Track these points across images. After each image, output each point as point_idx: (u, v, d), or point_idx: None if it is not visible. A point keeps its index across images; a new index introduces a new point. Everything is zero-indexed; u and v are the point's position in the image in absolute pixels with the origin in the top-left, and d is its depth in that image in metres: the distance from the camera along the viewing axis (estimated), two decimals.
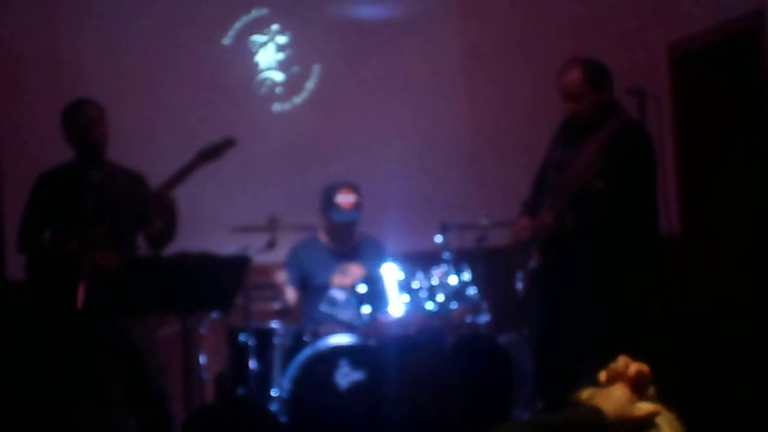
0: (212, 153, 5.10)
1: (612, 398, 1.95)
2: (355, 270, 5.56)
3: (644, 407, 1.95)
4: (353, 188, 5.66)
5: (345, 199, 5.62)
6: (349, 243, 5.74)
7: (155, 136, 6.27)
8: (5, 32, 6.10)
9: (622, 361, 2.01)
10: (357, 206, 5.64)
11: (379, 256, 5.62)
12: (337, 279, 5.59)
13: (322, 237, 5.76)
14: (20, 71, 6.14)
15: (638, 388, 1.97)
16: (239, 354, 5.19)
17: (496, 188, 5.74)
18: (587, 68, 4.78)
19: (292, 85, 6.61)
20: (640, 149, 4.68)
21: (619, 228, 4.64)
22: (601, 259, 4.66)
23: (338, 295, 5.57)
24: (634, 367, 1.99)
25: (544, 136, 5.08)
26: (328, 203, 5.65)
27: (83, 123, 5.07)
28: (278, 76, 6.61)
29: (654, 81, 6.08)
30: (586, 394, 2.00)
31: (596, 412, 1.93)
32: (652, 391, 2.00)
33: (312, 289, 5.64)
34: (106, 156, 5.14)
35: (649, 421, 1.94)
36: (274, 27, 6.61)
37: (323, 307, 5.59)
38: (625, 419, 1.93)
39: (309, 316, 5.60)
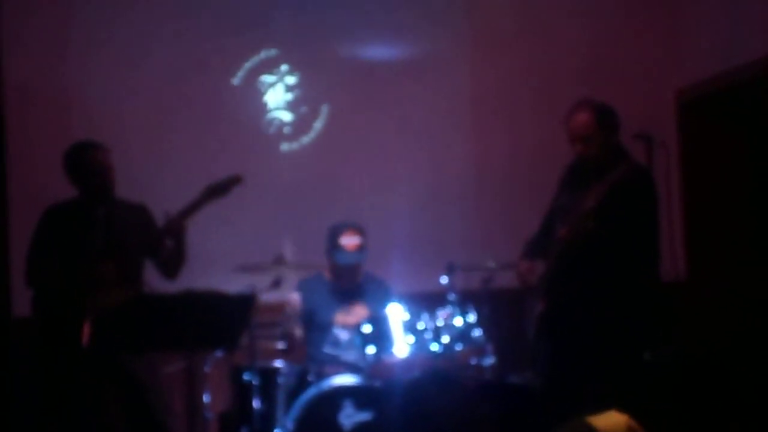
0: (219, 189, 5.13)
1: (609, 421, 1.93)
2: (358, 310, 5.56)
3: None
4: (358, 230, 5.66)
5: (349, 241, 5.63)
6: (353, 283, 5.73)
7: (164, 174, 6.29)
8: (16, 70, 6.13)
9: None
10: (361, 248, 5.64)
11: (384, 297, 5.61)
12: (341, 318, 5.58)
13: (327, 275, 5.76)
14: (30, 109, 6.17)
15: None
16: (243, 393, 5.17)
17: (502, 229, 5.74)
18: (596, 110, 4.84)
19: (301, 125, 6.64)
20: (644, 195, 4.71)
21: (618, 272, 4.66)
22: (601, 303, 4.68)
23: (342, 335, 5.57)
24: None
25: (551, 178, 5.10)
26: (332, 244, 5.65)
27: (93, 169, 5.11)
28: (287, 116, 6.64)
29: (661, 126, 6.10)
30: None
31: (587, 428, 1.91)
32: None
33: (315, 326, 5.63)
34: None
35: None
36: (284, 67, 6.65)
37: (327, 348, 5.58)
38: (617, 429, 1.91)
39: (312, 356, 5.59)
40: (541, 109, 6.53)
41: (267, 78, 6.63)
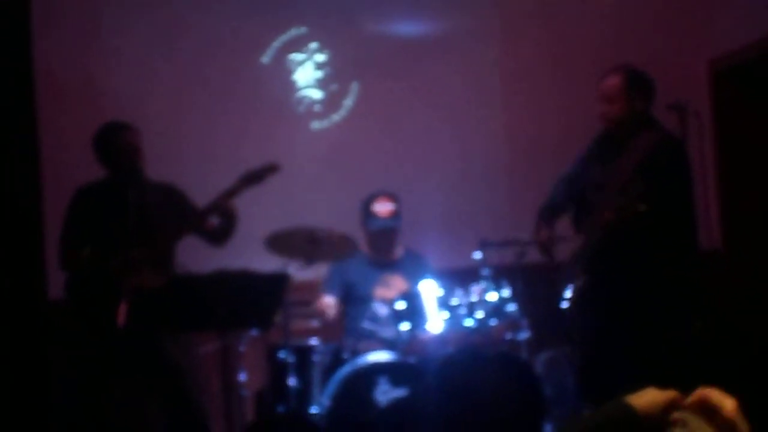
0: (255, 177, 5.16)
1: (647, 396, 1.90)
2: (397, 282, 5.55)
3: (679, 413, 1.89)
4: (391, 197, 5.66)
5: (382, 207, 5.63)
6: (390, 254, 5.72)
7: (193, 155, 6.30)
8: (46, 56, 6.15)
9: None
10: (395, 214, 5.64)
11: (423, 271, 5.61)
12: (380, 291, 5.58)
13: (365, 249, 5.76)
14: (60, 94, 6.19)
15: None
16: (279, 371, 5.19)
17: (534, 204, 5.68)
18: (627, 74, 4.86)
19: (331, 103, 6.63)
20: (676, 165, 4.68)
21: (661, 245, 4.63)
22: (644, 276, 4.66)
23: (380, 310, 5.56)
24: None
25: (580, 152, 5.08)
26: (365, 212, 5.66)
27: (123, 150, 5.15)
28: (317, 94, 6.63)
29: (695, 96, 6.02)
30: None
31: (624, 407, 1.88)
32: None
33: (354, 300, 5.63)
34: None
35: (679, 423, 1.88)
36: (313, 45, 6.64)
37: (366, 323, 5.58)
38: (655, 416, 1.88)
39: (350, 331, 5.59)
40: (570, 82, 6.48)
41: (296, 56, 6.62)
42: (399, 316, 5.26)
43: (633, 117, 4.80)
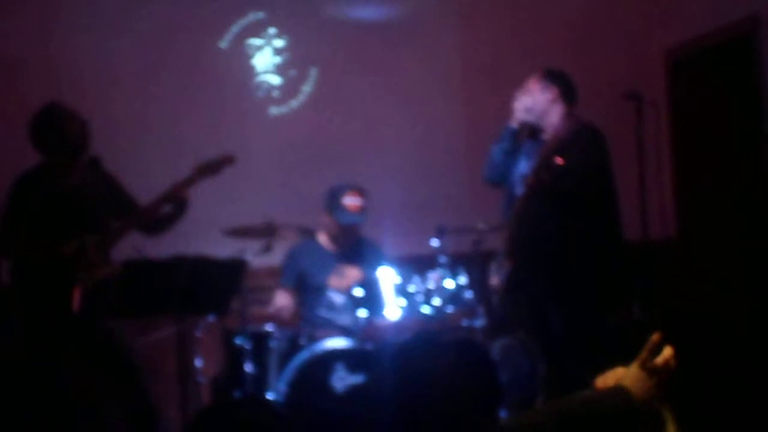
0: (210, 169, 5.16)
1: (640, 381, 1.92)
2: (352, 272, 5.55)
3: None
4: (361, 192, 5.66)
5: (352, 201, 5.62)
6: (350, 245, 5.73)
7: (151, 140, 6.26)
8: (3, 37, 6.09)
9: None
10: (363, 210, 5.64)
11: (378, 261, 5.61)
12: (334, 281, 5.58)
13: (322, 238, 5.75)
14: (15, 76, 6.12)
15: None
16: (235, 357, 5.18)
17: (492, 192, 5.72)
18: (545, 71, 5.18)
19: (289, 89, 6.61)
20: (586, 148, 4.92)
21: (579, 230, 4.82)
22: (563, 263, 4.89)
23: (336, 298, 5.57)
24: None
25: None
26: (334, 204, 5.64)
27: (75, 136, 5.07)
28: (275, 80, 6.61)
29: (651, 86, 6.09)
30: (608, 378, 1.97)
31: (623, 394, 1.89)
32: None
33: (308, 290, 5.63)
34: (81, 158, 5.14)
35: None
36: (271, 30, 6.61)
37: (321, 312, 5.59)
38: (652, 402, 1.90)
39: (306, 319, 5.60)
40: (531, 69, 6.47)
41: (255, 41, 6.60)
42: (356, 303, 5.27)
43: (544, 104, 5.09)
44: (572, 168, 4.78)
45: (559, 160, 4.70)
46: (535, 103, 5.10)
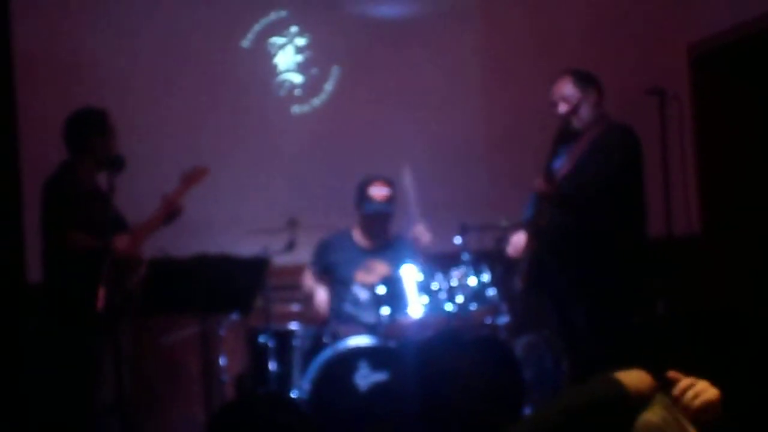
0: (193, 178, 5.28)
1: (635, 373, 1.91)
2: (380, 268, 5.55)
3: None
4: (387, 181, 5.68)
5: (378, 191, 5.64)
6: (381, 239, 5.72)
7: (172, 139, 6.27)
8: (23, 36, 6.11)
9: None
10: (390, 199, 5.65)
11: (408, 255, 5.60)
12: (361, 275, 5.59)
13: (356, 233, 5.76)
14: (34, 75, 6.15)
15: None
16: (259, 355, 5.20)
17: (514, 189, 5.70)
18: (575, 74, 5.10)
19: (311, 87, 6.61)
20: (620, 149, 4.91)
21: (605, 226, 4.79)
22: (585, 256, 4.88)
23: (361, 294, 5.56)
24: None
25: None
26: (360, 195, 5.66)
27: (110, 137, 5.12)
28: (297, 78, 6.61)
29: (674, 81, 6.06)
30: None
31: (615, 384, 1.89)
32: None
33: (335, 283, 5.63)
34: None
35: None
36: (293, 29, 6.62)
37: (347, 307, 5.59)
38: (643, 393, 1.89)
39: (332, 313, 5.59)
40: (550, 66, 6.46)
41: (277, 40, 6.60)
42: (379, 301, 5.27)
43: (590, 109, 5.03)
44: (598, 173, 4.82)
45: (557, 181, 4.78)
46: (583, 111, 5.05)
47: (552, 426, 1.86)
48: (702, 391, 1.94)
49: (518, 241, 5.15)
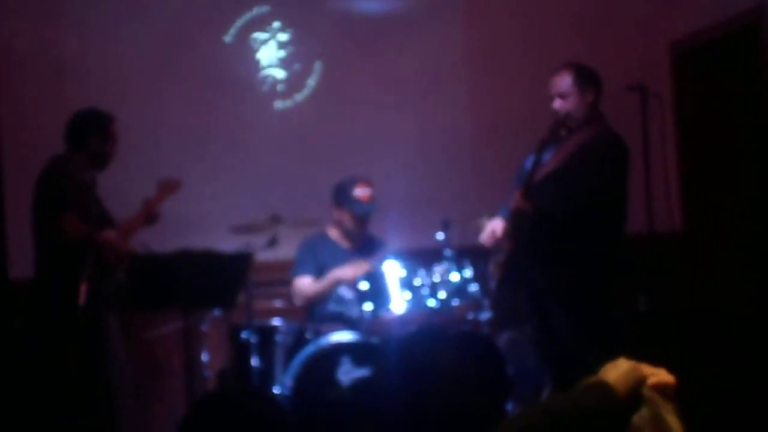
0: (169, 188, 5.35)
1: (624, 374, 1.91)
2: (363, 266, 5.55)
3: (654, 378, 1.92)
4: (369, 182, 5.68)
5: (363, 192, 5.64)
6: (361, 240, 5.73)
7: (156, 134, 6.27)
8: (6, 33, 6.10)
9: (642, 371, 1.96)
10: (374, 199, 5.66)
11: (384, 255, 5.62)
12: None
13: (333, 233, 5.75)
14: (22, 72, 6.13)
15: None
16: (241, 351, 5.19)
17: (497, 184, 5.71)
18: (576, 70, 4.98)
19: (294, 83, 6.61)
20: (609, 158, 4.84)
21: (577, 231, 4.77)
22: (564, 253, 4.84)
23: (346, 293, 5.56)
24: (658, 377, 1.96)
25: (544, 132, 5.12)
26: (345, 197, 5.64)
27: (112, 138, 5.16)
28: (280, 74, 6.61)
29: (656, 78, 6.08)
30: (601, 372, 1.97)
31: (605, 389, 1.88)
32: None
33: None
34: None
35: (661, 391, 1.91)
36: (276, 24, 6.61)
37: (332, 306, 5.58)
38: (637, 395, 1.89)
39: (318, 313, 5.58)
40: (535, 61, 6.49)
41: (259, 35, 6.60)
42: (362, 297, 5.27)
43: (584, 110, 4.93)
44: (578, 195, 4.78)
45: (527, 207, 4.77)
46: (576, 109, 4.93)
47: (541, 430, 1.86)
48: (665, 378, 1.96)
49: (493, 228, 5.10)
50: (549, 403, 1.94)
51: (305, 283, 5.59)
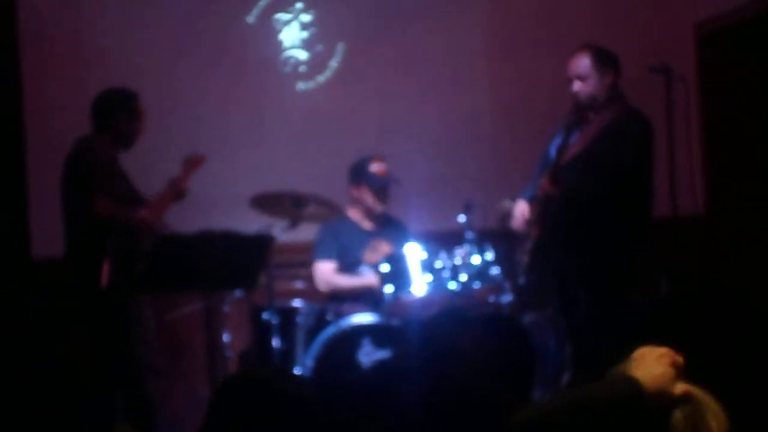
0: (194, 164, 5.33)
1: (651, 370, 1.88)
2: (385, 248, 5.56)
3: (683, 386, 1.89)
4: (383, 158, 5.70)
5: (379, 167, 5.66)
6: (381, 218, 5.73)
7: (177, 115, 6.27)
8: (30, 16, 6.10)
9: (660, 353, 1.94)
10: (389, 174, 5.67)
11: (405, 237, 5.62)
12: (369, 256, 5.59)
13: (353, 214, 5.75)
14: (43, 49, 6.14)
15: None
16: (263, 332, 5.21)
17: (518, 167, 5.70)
18: (595, 52, 4.98)
19: (316, 64, 6.59)
20: (634, 138, 4.84)
21: (611, 213, 4.76)
22: (591, 236, 4.85)
23: (368, 275, 5.56)
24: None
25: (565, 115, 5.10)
26: (362, 173, 5.65)
27: (139, 115, 5.18)
28: (302, 55, 6.59)
29: (680, 60, 6.03)
30: (629, 362, 1.94)
31: (631, 383, 1.86)
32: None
33: (343, 266, 5.63)
34: None
35: (686, 399, 1.88)
36: (299, 5, 6.59)
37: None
38: (663, 393, 1.87)
39: (341, 294, 5.58)
40: (556, 45, 6.44)
41: (282, 16, 6.58)
42: (383, 279, 5.27)
43: (604, 91, 4.93)
44: (604, 174, 4.79)
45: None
46: (596, 91, 4.92)
47: (562, 420, 1.84)
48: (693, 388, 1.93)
49: (521, 212, 5.11)
50: (573, 392, 1.92)
51: (329, 271, 5.59)
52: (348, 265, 5.63)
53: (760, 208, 6.35)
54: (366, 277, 5.52)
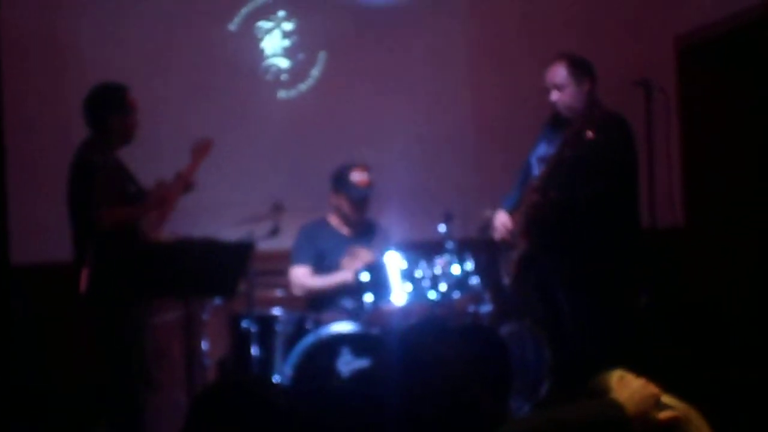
0: (202, 151, 5.27)
1: (635, 395, 1.89)
2: (364, 254, 5.55)
3: (668, 413, 1.89)
4: (366, 167, 5.67)
5: (360, 176, 5.64)
6: (361, 226, 5.72)
7: (160, 122, 6.24)
8: (11, 22, 6.08)
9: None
10: (371, 184, 5.65)
11: (386, 243, 5.62)
12: (347, 262, 5.57)
13: (332, 220, 5.75)
14: (24, 57, 6.12)
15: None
16: (241, 340, 5.20)
17: (499, 177, 5.71)
18: (570, 61, 5.02)
19: (298, 72, 6.60)
20: (615, 141, 4.86)
21: (597, 219, 4.78)
22: (579, 250, 4.86)
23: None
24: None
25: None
26: (342, 181, 5.63)
27: (132, 108, 5.14)
28: (284, 63, 6.60)
29: (660, 73, 6.06)
30: (610, 380, 1.94)
31: (616, 408, 1.87)
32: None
33: (321, 271, 5.62)
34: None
35: (672, 425, 1.88)
36: (281, 13, 6.60)
37: (331, 294, 5.58)
38: (647, 419, 1.87)
39: (317, 300, 5.57)
40: (538, 55, 6.44)
41: (264, 24, 6.58)
42: (362, 287, 5.27)
43: (583, 99, 4.97)
44: (605, 149, 4.77)
45: (589, 134, 4.61)
46: (574, 100, 4.97)
47: None
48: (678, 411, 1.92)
49: (503, 223, 5.12)
50: (557, 411, 1.93)
51: (303, 275, 5.59)
52: (325, 270, 5.62)
53: (739, 220, 6.39)
54: (339, 275, 5.51)
